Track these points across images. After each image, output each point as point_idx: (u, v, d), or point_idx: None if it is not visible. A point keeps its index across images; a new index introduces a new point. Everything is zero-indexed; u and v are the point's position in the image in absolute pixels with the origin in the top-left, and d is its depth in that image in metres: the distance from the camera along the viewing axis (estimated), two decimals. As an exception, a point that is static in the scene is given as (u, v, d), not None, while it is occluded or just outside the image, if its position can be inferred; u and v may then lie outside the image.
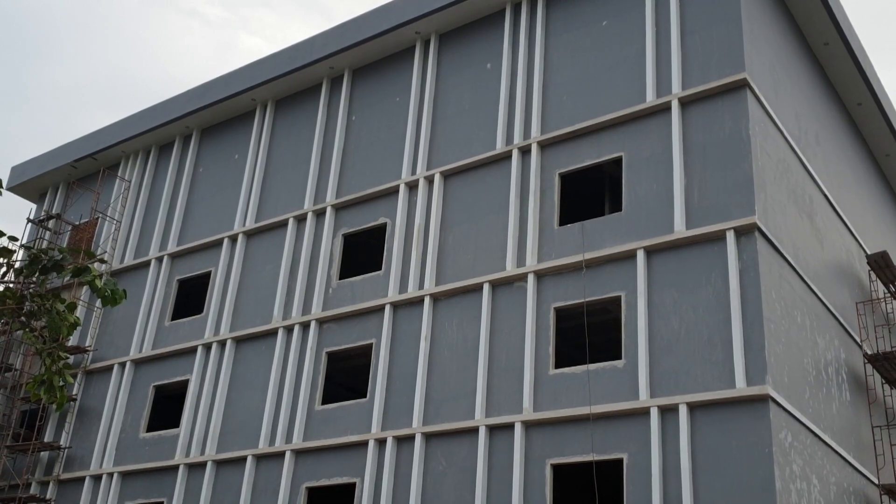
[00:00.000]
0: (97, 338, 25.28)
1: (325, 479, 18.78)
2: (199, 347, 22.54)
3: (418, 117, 21.42)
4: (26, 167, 30.05)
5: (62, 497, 23.48)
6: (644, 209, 16.93)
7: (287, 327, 21.11)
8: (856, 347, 19.86)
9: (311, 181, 22.63)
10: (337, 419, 19.21)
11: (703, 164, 16.55)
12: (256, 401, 20.79)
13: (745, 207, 15.74)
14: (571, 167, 18.39)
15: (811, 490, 15.22)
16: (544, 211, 18.27)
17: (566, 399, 16.26)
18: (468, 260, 18.85)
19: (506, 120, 19.71)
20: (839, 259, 20.17)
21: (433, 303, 18.93)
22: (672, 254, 16.29)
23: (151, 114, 27.12)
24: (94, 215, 27.21)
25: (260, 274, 22.57)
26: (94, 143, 28.37)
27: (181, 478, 21.03)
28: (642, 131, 17.62)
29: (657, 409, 15.13)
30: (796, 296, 16.77)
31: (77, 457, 23.82)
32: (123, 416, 23.40)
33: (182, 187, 25.84)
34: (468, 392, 17.50)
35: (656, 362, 15.60)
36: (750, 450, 14.13)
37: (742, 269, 15.42)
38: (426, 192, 20.32)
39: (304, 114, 24.07)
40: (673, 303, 15.87)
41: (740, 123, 16.46)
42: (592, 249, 17.12)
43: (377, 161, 21.71)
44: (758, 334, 14.82)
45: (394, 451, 17.92)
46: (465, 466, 16.90)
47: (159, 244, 25.49)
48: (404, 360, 18.76)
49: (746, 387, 14.49)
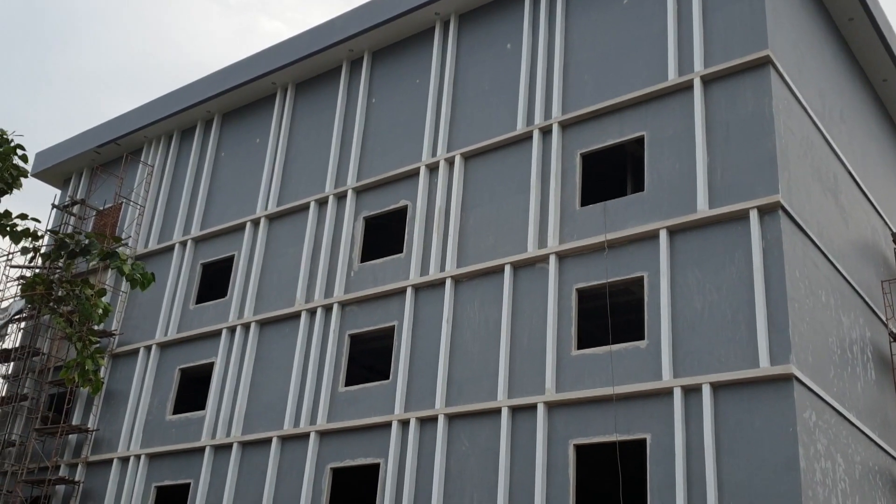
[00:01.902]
0: (123, 322, 25.54)
1: (349, 460, 18.94)
2: (224, 330, 22.72)
3: (438, 99, 21.38)
4: (50, 153, 30.31)
5: (90, 478, 23.83)
6: (666, 189, 16.83)
7: (310, 310, 21.24)
8: (881, 326, 19.70)
9: (332, 164, 22.68)
10: (360, 401, 19.34)
11: (726, 143, 16.43)
12: (281, 383, 20.95)
13: (768, 186, 15.62)
14: (593, 147, 18.31)
15: (836, 469, 15.16)
16: (566, 191, 18.22)
17: (589, 380, 16.26)
18: (489, 242, 18.84)
19: (526, 100, 19.63)
20: (864, 237, 19.98)
21: (455, 285, 18.96)
22: (695, 233, 16.20)
23: (173, 99, 27.25)
24: (118, 200, 27.43)
25: (282, 257, 22.69)
26: (116, 128, 28.56)
27: (207, 459, 21.27)
28: (664, 110, 17.50)
29: (680, 390, 15.10)
30: (821, 274, 16.65)
31: (105, 439, 24.14)
32: (150, 399, 23.67)
33: (204, 172, 25.98)
34: (490, 373, 17.55)
35: (679, 342, 15.56)
36: (774, 429, 14.09)
37: (766, 248, 15.32)
38: (447, 174, 20.31)
39: (324, 97, 24.09)
40: (696, 282, 15.80)
41: (763, 101, 16.31)
42: (614, 230, 17.06)
43: (397, 143, 21.71)
44: (782, 313, 14.73)
45: (417, 432, 18.02)
46: (488, 447, 16.98)
47: (182, 228, 25.67)
48: (426, 342, 18.83)
49: (770, 366, 14.43)
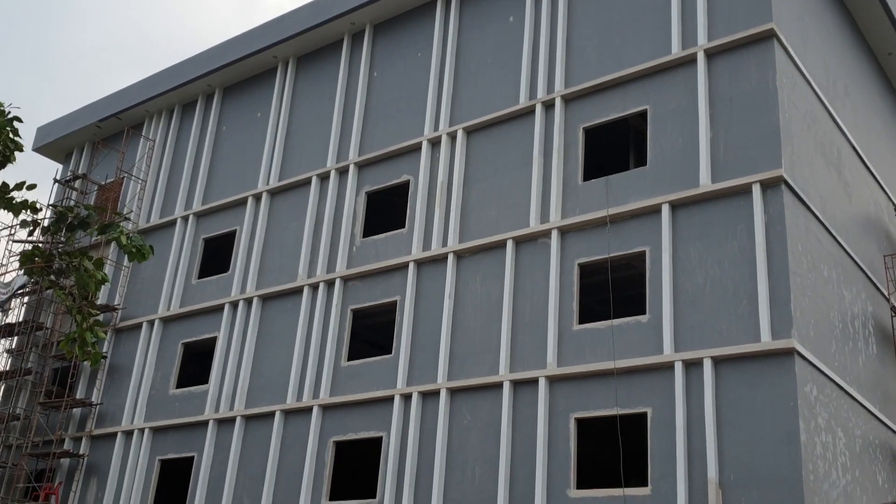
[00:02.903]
0: (125, 296, 25.59)
1: (352, 434, 19.03)
2: (227, 305, 22.76)
3: (440, 72, 21.27)
4: (51, 128, 30.24)
5: (95, 452, 23.98)
6: (669, 163, 16.78)
7: (312, 285, 21.26)
8: (883, 300, 19.70)
9: (334, 139, 22.61)
10: (363, 375, 19.40)
11: (730, 117, 16.35)
12: (283, 357, 21.01)
13: (771, 160, 15.56)
14: (596, 121, 18.23)
15: (836, 443, 15.22)
16: (568, 166, 18.16)
17: (590, 354, 16.30)
18: (492, 216, 18.81)
19: (529, 74, 19.52)
20: (867, 212, 19.93)
21: (457, 260, 18.96)
22: (697, 208, 16.16)
23: (174, 73, 27.13)
24: (120, 175, 27.39)
25: (284, 232, 22.68)
26: (117, 102, 28.47)
27: (211, 433, 21.38)
28: (667, 84, 17.40)
29: (681, 364, 15.13)
30: (823, 249, 16.62)
31: (108, 413, 24.27)
32: (153, 373, 23.76)
33: (206, 146, 25.91)
34: (492, 348, 17.58)
35: (681, 317, 15.57)
36: (775, 403, 14.13)
37: (768, 223, 15.29)
38: (449, 149, 20.24)
39: (325, 70, 23.97)
40: (698, 257, 15.79)
41: (767, 75, 16.20)
42: (617, 204, 17.02)
43: (399, 117, 21.63)
44: (783, 288, 14.73)
45: (419, 406, 18.09)
46: (489, 420, 17.05)
47: (184, 203, 25.65)
48: (429, 317, 18.86)
49: (772, 340, 14.45)
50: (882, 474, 17.26)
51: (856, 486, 15.71)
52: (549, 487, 15.83)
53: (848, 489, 15.31)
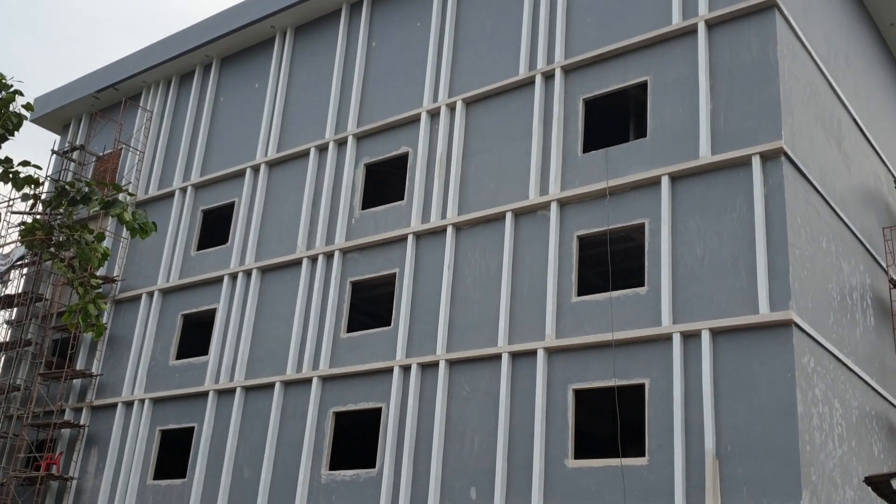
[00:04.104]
0: (125, 268, 25.61)
1: (351, 405, 19.14)
2: (226, 277, 22.79)
3: (439, 43, 21.13)
4: (49, 98, 30.09)
5: (95, 422, 24.12)
6: (669, 134, 16.73)
7: (311, 257, 21.26)
8: (881, 273, 19.74)
9: (332, 110, 22.51)
10: (362, 346, 19.47)
11: (730, 88, 16.28)
12: (283, 329, 21.07)
13: (771, 132, 15.52)
14: (596, 92, 18.15)
15: (833, 414, 15.32)
16: (568, 138, 18.11)
17: (589, 326, 16.35)
18: (491, 189, 18.79)
19: (529, 44, 19.40)
20: (867, 184, 19.91)
21: (456, 232, 18.95)
22: (697, 179, 16.14)
23: (171, 43, 26.95)
24: (118, 146, 27.29)
25: (283, 204, 22.65)
26: (115, 73, 28.30)
27: (211, 403, 21.49)
28: (668, 55, 17.30)
29: (679, 335, 15.19)
30: (822, 221, 16.63)
31: (109, 384, 24.37)
32: (153, 344, 23.83)
33: (203, 117, 25.80)
34: (491, 320, 17.64)
35: (679, 289, 15.61)
36: (772, 375, 14.21)
37: (767, 195, 15.28)
38: (448, 120, 20.17)
39: (323, 41, 23.81)
40: (697, 229, 15.79)
41: (768, 46, 16.11)
42: (616, 176, 16.99)
43: (398, 88, 21.52)
44: (782, 260, 14.75)
45: (418, 378, 18.18)
46: (488, 392, 17.14)
47: (182, 175, 25.59)
48: (428, 289, 18.89)
49: (770, 312, 14.49)
50: (878, 445, 17.40)
51: (852, 457, 15.84)
52: (547, 458, 15.96)
53: (844, 459, 15.44)
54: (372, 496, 17.87)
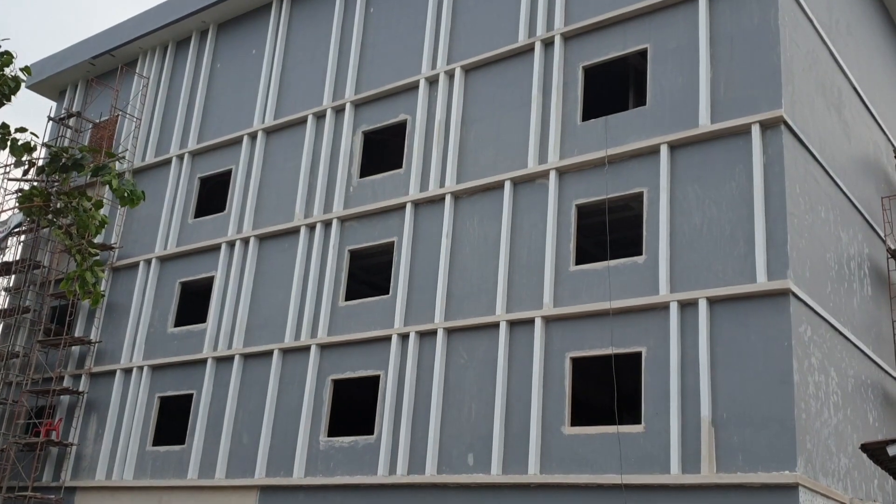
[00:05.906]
0: (122, 235, 25.57)
1: (349, 372, 19.21)
2: (223, 245, 22.76)
3: (438, 9, 20.94)
4: (45, 64, 29.86)
5: (94, 389, 24.21)
6: (669, 103, 16.64)
7: (309, 225, 21.23)
8: (879, 242, 19.75)
9: (330, 77, 22.35)
10: (360, 315, 19.50)
11: (731, 56, 16.17)
12: (281, 297, 21.09)
13: (771, 100, 15.43)
14: (595, 60, 18.02)
15: (829, 382, 15.40)
16: (567, 106, 18.01)
17: (586, 295, 16.38)
18: (489, 157, 18.72)
19: (528, 10, 19.22)
20: (866, 153, 19.86)
21: (454, 200, 18.91)
22: (696, 148, 16.08)
23: (168, 8, 26.70)
24: (114, 113, 27.14)
25: (280, 172, 22.57)
26: (111, 39, 28.07)
27: (210, 371, 21.57)
28: (669, 22, 17.16)
29: (677, 304, 15.22)
30: (821, 190, 16.61)
31: (107, 351, 24.44)
32: (151, 312, 23.86)
33: (200, 84, 25.63)
34: (489, 288, 17.65)
35: (677, 258, 15.62)
36: (769, 343, 14.26)
37: (766, 164, 15.24)
38: (447, 88, 20.04)
39: (321, 6, 23.59)
40: (696, 198, 15.76)
41: (769, 13, 15.98)
42: (615, 145, 16.93)
43: (396, 55, 21.36)
44: (780, 229, 14.75)
45: (416, 346, 18.23)
46: (486, 359, 17.20)
47: (179, 142, 25.46)
48: (426, 258, 18.89)
49: (767, 281, 14.51)
50: (873, 413, 17.51)
51: (847, 425, 15.95)
52: (544, 425, 16.05)
53: (839, 428, 15.54)
54: (370, 462, 18.00)
